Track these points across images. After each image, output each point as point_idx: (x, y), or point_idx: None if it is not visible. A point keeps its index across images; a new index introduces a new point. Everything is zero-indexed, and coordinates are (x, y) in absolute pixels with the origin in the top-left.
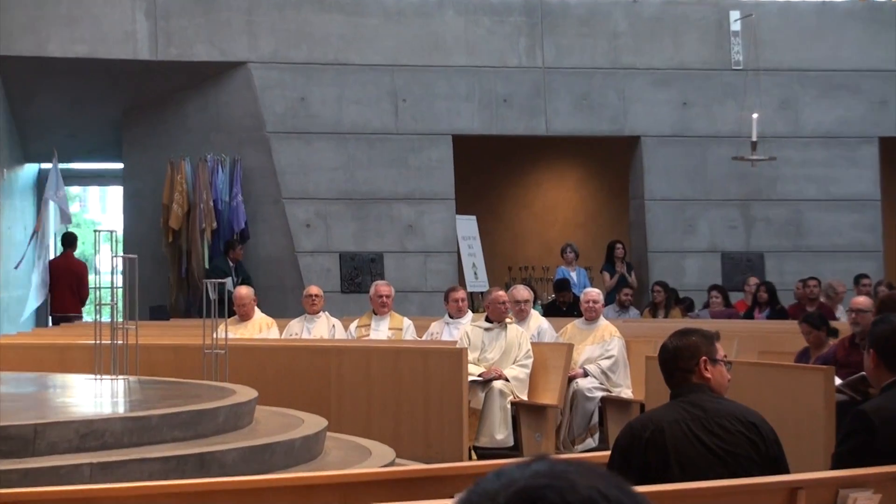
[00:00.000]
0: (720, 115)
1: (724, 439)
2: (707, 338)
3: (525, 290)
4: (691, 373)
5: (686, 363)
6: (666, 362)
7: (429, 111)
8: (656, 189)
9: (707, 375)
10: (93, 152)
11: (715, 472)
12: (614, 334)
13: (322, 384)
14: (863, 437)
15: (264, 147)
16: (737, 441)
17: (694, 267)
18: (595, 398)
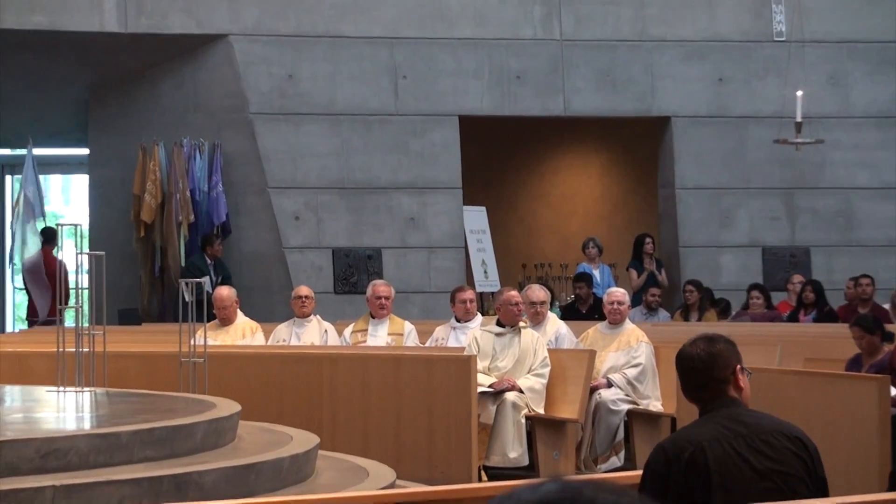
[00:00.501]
0: (760, 92)
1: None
2: (732, 344)
3: (541, 291)
4: (727, 383)
5: (721, 373)
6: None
7: (432, 89)
8: (689, 176)
9: (741, 385)
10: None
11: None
12: (641, 339)
13: (313, 396)
14: None
15: (247, 130)
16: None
17: (731, 264)
18: (620, 411)
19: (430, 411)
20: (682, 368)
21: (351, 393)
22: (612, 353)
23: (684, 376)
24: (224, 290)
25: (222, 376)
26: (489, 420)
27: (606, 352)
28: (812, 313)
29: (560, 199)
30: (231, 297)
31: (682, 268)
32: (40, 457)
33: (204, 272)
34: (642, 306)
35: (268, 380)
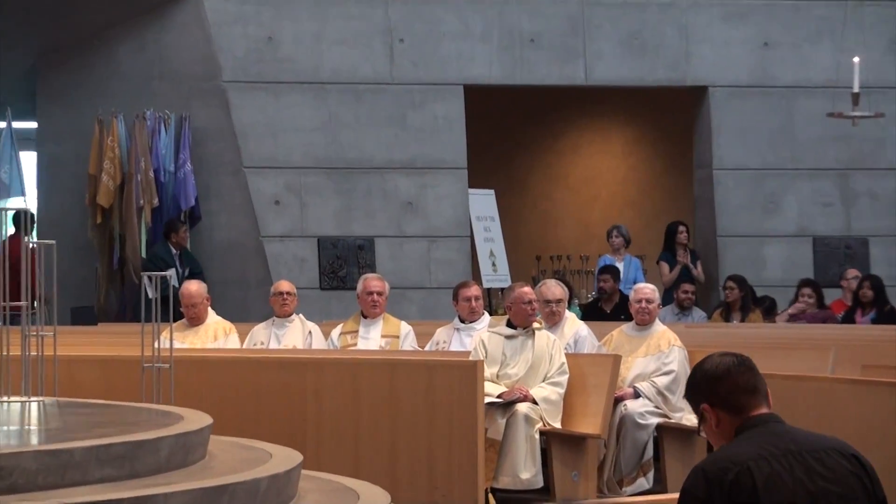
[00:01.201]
0: (812, 58)
1: (827, 478)
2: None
3: (558, 287)
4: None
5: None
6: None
7: (433, 55)
8: (729, 155)
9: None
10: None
11: None
12: (674, 343)
13: (296, 408)
14: None
15: (220, 101)
16: (842, 479)
17: (777, 256)
18: (649, 426)
19: (431, 425)
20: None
21: (339, 404)
22: (640, 359)
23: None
24: (193, 286)
25: (191, 384)
26: (498, 435)
27: (633, 357)
28: (870, 313)
29: (580, 181)
30: (201, 293)
31: (720, 261)
32: None
33: (169, 264)
34: (674, 305)
35: (243, 388)
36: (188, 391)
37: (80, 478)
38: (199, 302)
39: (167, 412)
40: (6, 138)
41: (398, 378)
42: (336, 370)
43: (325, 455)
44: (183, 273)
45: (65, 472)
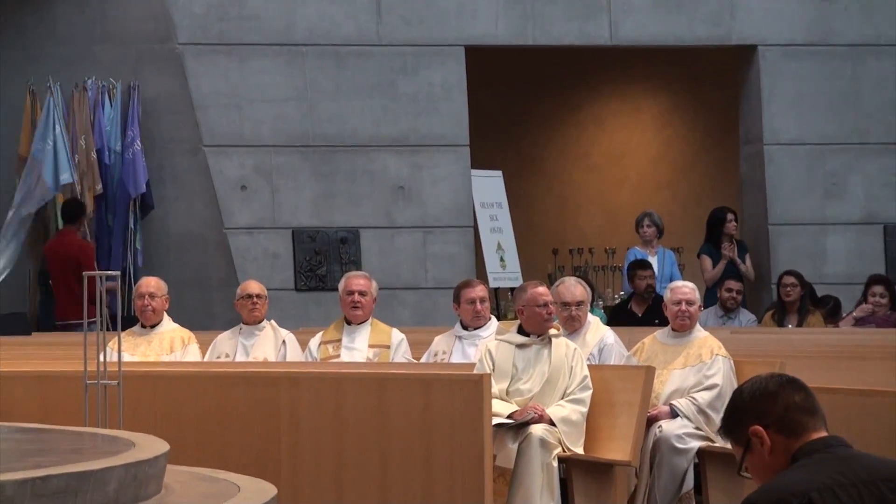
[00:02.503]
0: (881, 11)
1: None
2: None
3: (579, 287)
4: (824, 421)
5: (821, 407)
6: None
7: (429, 10)
8: (782, 128)
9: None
10: None
11: None
12: (717, 352)
13: (268, 431)
14: None
15: (175, 67)
16: None
17: (841, 248)
18: (689, 451)
19: (428, 451)
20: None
21: (319, 426)
22: (678, 371)
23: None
24: (152, 281)
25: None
26: (509, 463)
27: (669, 369)
28: None
29: (605, 160)
30: (161, 290)
31: (772, 254)
32: None
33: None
34: (717, 306)
35: (206, 409)
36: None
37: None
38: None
39: (115, 438)
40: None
41: (389, 395)
42: (315, 387)
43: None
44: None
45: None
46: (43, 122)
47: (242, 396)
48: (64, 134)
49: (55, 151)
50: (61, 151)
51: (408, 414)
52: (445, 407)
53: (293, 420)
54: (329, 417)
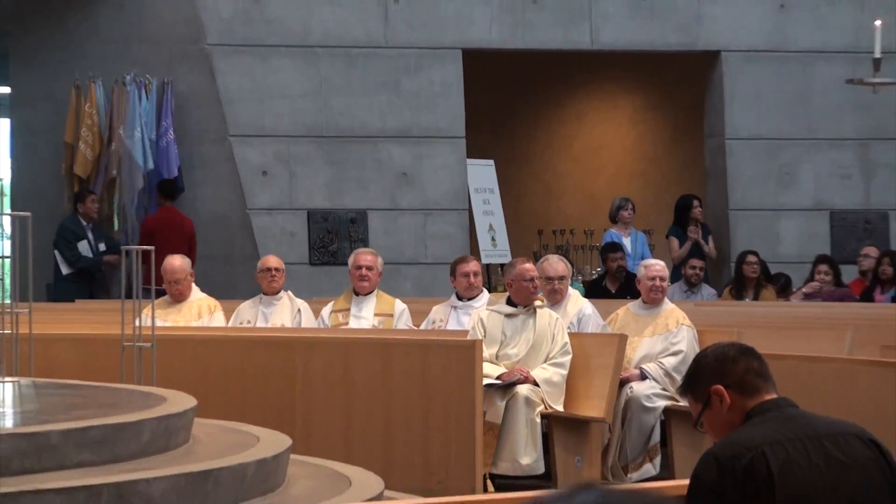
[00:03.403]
0: (831, 21)
1: (847, 465)
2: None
3: (561, 263)
4: (775, 385)
5: (771, 374)
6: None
7: (430, 16)
8: (742, 124)
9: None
10: None
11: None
12: (682, 322)
13: (284, 389)
14: None
15: (204, 66)
16: (862, 466)
17: (792, 231)
18: (656, 409)
19: (426, 408)
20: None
21: (330, 385)
22: (647, 339)
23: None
24: (176, 260)
25: (174, 365)
26: (497, 419)
27: (640, 337)
28: (890, 291)
29: (585, 151)
30: (185, 268)
31: (731, 236)
32: None
33: (79, 236)
34: (682, 282)
35: (229, 369)
36: (171, 372)
37: (56, 462)
38: (182, 278)
39: (149, 394)
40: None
41: (392, 358)
42: (326, 350)
43: (316, 439)
44: (96, 246)
45: (40, 457)
46: (130, 114)
47: (262, 358)
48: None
49: (143, 140)
50: (147, 140)
51: (408, 375)
52: (442, 369)
53: (307, 379)
54: (338, 377)
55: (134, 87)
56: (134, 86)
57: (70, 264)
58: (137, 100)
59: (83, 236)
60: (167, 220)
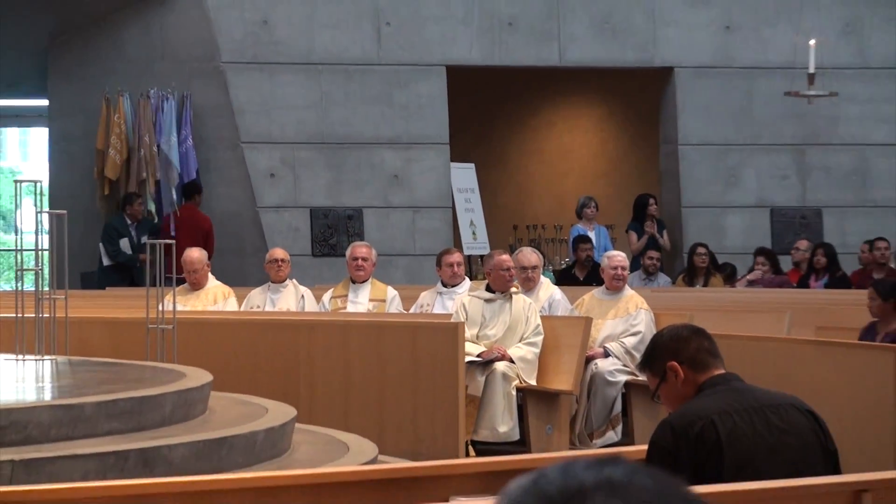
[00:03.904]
0: (771, 41)
1: (786, 431)
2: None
3: (533, 254)
4: (723, 362)
5: (720, 352)
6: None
7: (418, 37)
8: (693, 132)
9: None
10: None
11: (776, 469)
12: (641, 306)
13: (290, 366)
14: None
15: (219, 81)
16: (800, 433)
17: (737, 226)
18: (618, 383)
19: (415, 382)
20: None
21: (330, 363)
22: (610, 321)
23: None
24: (194, 253)
25: (192, 344)
26: (478, 392)
27: (603, 319)
28: (824, 279)
29: (554, 155)
30: (202, 259)
31: (684, 230)
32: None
33: (122, 234)
34: (640, 271)
35: (241, 348)
36: (190, 351)
37: (89, 431)
38: (199, 268)
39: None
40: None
41: (385, 339)
42: (327, 332)
43: (317, 410)
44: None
45: (75, 426)
46: (168, 123)
47: (270, 339)
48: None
49: (187, 150)
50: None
51: (399, 353)
52: (428, 348)
53: (310, 357)
54: (337, 355)
55: (157, 99)
56: (157, 99)
57: (110, 258)
58: (161, 111)
59: (126, 234)
60: (187, 217)
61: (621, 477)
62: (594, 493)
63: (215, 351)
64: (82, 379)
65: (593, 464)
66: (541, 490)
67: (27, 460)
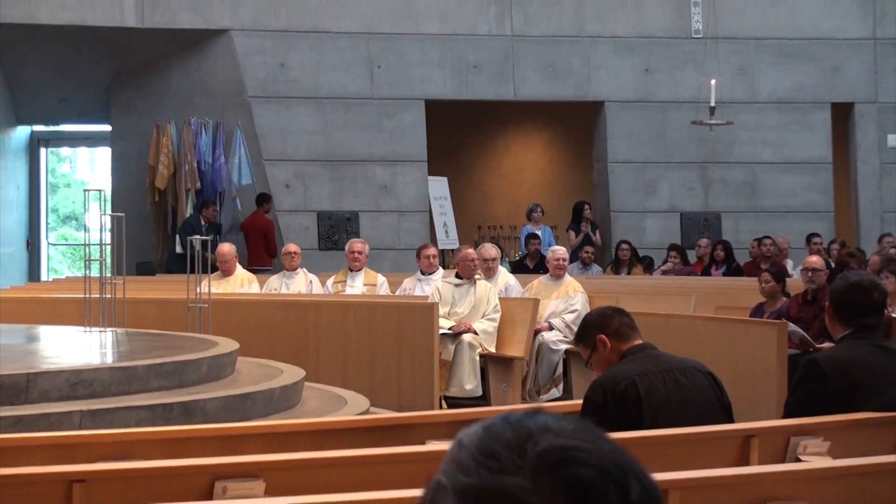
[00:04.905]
0: (680, 81)
1: (691, 389)
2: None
3: (493, 249)
4: (640, 333)
5: (637, 326)
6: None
7: (402, 77)
8: (619, 152)
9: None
10: (82, 115)
11: (683, 419)
12: (578, 290)
13: (300, 337)
14: (815, 384)
15: (246, 111)
16: (702, 390)
17: (654, 227)
18: (559, 350)
19: (399, 350)
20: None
21: (332, 334)
22: (553, 302)
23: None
24: (225, 247)
25: (223, 319)
26: (449, 357)
27: (548, 300)
28: (722, 268)
29: (510, 170)
30: (231, 252)
31: (612, 230)
32: (69, 386)
33: (196, 231)
34: (578, 262)
35: (262, 322)
36: (221, 324)
37: (141, 387)
38: (229, 259)
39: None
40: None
41: (376, 315)
42: (330, 310)
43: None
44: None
45: (130, 383)
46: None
47: (285, 315)
48: (246, 152)
49: (239, 164)
50: (244, 163)
51: (387, 326)
52: (410, 322)
53: (316, 329)
54: (338, 328)
55: (196, 126)
56: (196, 125)
57: (183, 247)
58: (203, 135)
59: (199, 232)
60: (254, 220)
61: (552, 423)
62: (539, 435)
63: (241, 324)
64: (136, 346)
65: (527, 414)
66: (498, 436)
67: (92, 410)
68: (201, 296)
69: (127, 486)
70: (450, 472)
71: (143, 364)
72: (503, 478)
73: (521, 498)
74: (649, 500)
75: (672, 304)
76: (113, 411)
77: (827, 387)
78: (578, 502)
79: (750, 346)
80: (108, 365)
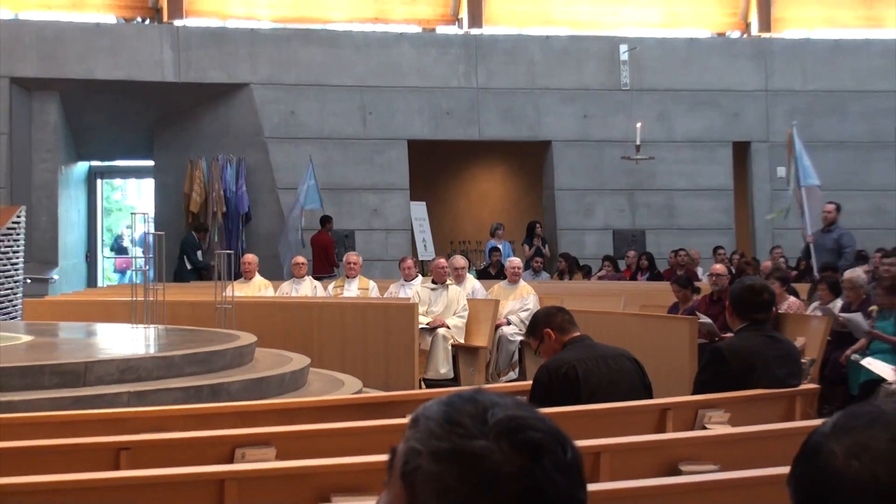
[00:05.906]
0: (612, 124)
1: (620, 371)
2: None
3: (462, 259)
4: (578, 327)
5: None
6: (567, 321)
7: (389, 121)
8: (563, 181)
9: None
10: (130, 153)
11: (613, 396)
12: (531, 292)
13: (306, 331)
14: (718, 367)
15: (263, 149)
16: (627, 373)
17: (592, 241)
18: (515, 342)
19: (387, 341)
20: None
21: (333, 329)
22: (511, 302)
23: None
24: (249, 256)
25: (245, 317)
26: (426, 347)
27: (506, 301)
28: (646, 275)
29: (476, 196)
30: (255, 260)
31: (558, 244)
32: (119, 372)
33: (197, 246)
34: (530, 270)
35: (276, 320)
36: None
37: (177, 372)
38: (251, 267)
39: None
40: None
41: (368, 314)
42: (330, 310)
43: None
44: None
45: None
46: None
47: (294, 314)
48: (315, 182)
49: (307, 190)
50: (312, 190)
51: (377, 323)
52: (396, 320)
53: (320, 325)
54: (338, 325)
55: (223, 161)
56: (223, 161)
57: (192, 263)
58: (228, 169)
59: (199, 247)
60: (318, 238)
61: (497, 399)
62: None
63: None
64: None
65: (475, 392)
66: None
67: (138, 392)
68: (226, 298)
69: (164, 453)
70: (423, 440)
71: (178, 354)
72: (471, 441)
73: (488, 457)
74: (576, 460)
75: (606, 304)
76: (154, 392)
77: (727, 369)
78: (532, 458)
79: (667, 337)
80: (151, 355)
